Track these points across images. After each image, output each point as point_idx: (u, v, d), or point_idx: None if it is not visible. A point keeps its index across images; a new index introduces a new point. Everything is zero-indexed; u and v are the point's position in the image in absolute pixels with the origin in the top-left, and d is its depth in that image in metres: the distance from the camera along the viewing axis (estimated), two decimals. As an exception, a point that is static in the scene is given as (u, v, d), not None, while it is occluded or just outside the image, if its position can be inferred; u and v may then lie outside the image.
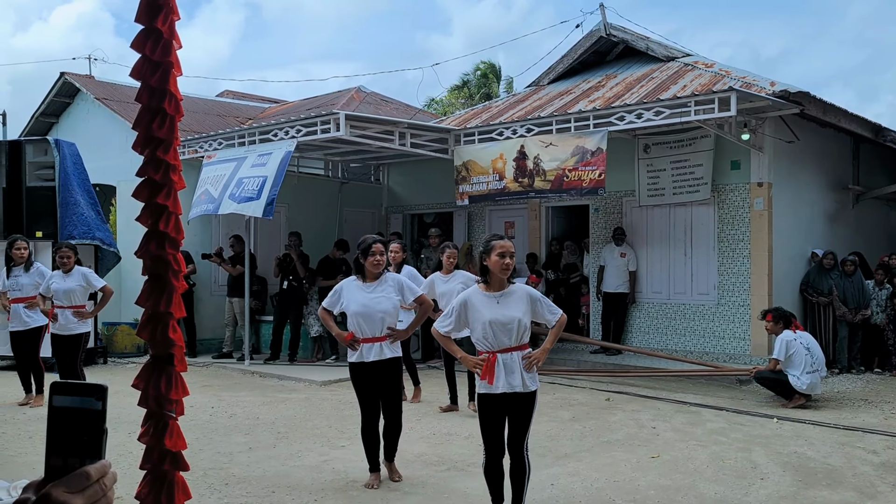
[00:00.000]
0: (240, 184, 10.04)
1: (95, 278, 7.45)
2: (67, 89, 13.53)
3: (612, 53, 12.56)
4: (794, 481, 5.10)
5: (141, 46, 2.22)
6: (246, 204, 9.80)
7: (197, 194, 10.69)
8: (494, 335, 4.04)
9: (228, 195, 10.10)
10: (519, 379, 4.02)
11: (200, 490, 4.79)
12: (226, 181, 10.30)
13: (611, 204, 10.97)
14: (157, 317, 2.22)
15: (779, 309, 8.18)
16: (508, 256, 4.06)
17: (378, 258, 4.99)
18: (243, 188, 9.95)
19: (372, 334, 4.97)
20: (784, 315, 8.00)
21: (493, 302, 4.07)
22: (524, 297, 4.11)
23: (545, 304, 4.21)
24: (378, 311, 4.95)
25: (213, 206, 10.34)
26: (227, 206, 10.10)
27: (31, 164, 10.22)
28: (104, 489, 0.91)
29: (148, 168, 2.26)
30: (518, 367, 4.02)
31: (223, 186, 10.29)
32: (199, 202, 10.61)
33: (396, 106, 15.88)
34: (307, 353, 10.96)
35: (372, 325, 4.96)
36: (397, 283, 5.10)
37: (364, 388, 5.04)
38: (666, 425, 6.83)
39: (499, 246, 4.04)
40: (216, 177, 10.56)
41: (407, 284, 5.18)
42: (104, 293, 7.42)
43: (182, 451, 2.31)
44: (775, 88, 9.22)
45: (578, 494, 4.80)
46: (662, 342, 10.43)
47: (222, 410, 7.44)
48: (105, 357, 10.74)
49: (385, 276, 5.09)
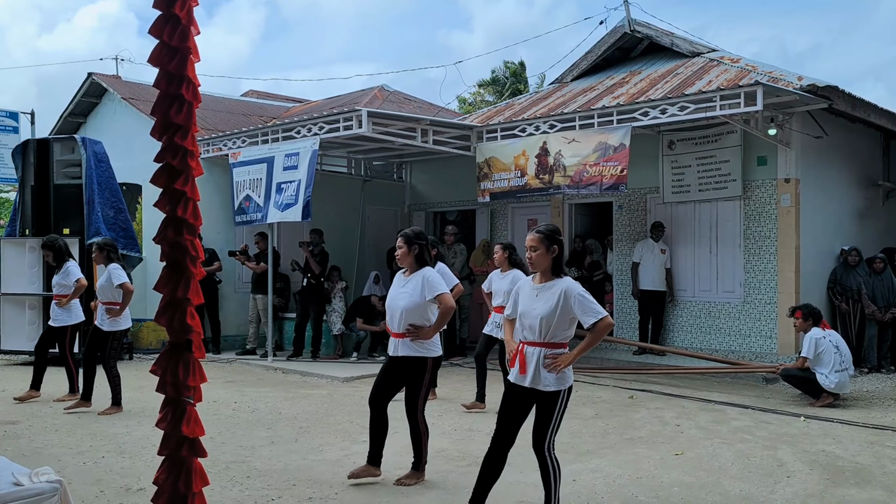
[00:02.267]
0: (279, 189, 10.27)
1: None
2: (95, 89, 13.71)
3: (637, 50, 12.46)
4: (821, 479, 5.00)
5: (159, 32, 2.22)
6: (288, 211, 10.11)
7: (239, 199, 10.85)
8: (521, 326, 4.06)
9: (273, 203, 10.34)
10: (530, 376, 3.95)
11: (223, 482, 4.81)
12: (265, 187, 10.48)
13: (635, 201, 10.87)
14: (175, 303, 2.23)
15: (808, 306, 8.04)
16: (529, 249, 4.06)
17: (396, 252, 5.01)
18: (284, 195, 10.17)
19: (392, 328, 4.93)
20: (813, 312, 7.87)
21: (532, 294, 4.07)
22: (557, 293, 3.96)
23: (582, 303, 3.94)
24: (397, 306, 4.89)
25: (261, 216, 10.60)
26: (273, 215, 10.40)
27: (59, 163, 10.38)
28: None
29: (166, 154, 2.27)
30: (535, 363, 3.96)
31: (265, 194, 10.47)
32: (245, 209, 10.81)
33: (419, 104, 15.87)
34: (329, 350, 11.00)
35: (392, 319, 4.92)
36: (422, 279, 4.89)
37: (378, 376, 5.02)
38: (690, 423, 6.74)
39: (526, 240, 4.11)
40: (254, 181, 10.69)
41: (428, 280, 4.88)
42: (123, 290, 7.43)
43: (200, 438, 2.31)
44: (803, 83, 9.07)
45: (601, 490, 4.75)
46: (687, 340, 10.31)
47: (245, 405, 7.49)
48: (131, 353, 10.86)
49: (421, 271, 4.92)
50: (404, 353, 4.86)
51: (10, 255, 10.46)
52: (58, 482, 2.56)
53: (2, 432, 6.05)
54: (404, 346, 4.86)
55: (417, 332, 4.83)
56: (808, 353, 7.55)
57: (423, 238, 5.04)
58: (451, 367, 10.09)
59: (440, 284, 4.91)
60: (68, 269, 7.68)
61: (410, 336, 4.83)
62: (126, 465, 5.28)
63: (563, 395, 3.98)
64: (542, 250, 4.04)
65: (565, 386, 3.98)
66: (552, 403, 3.96)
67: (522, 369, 3.99)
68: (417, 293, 4.85)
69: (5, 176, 15.44)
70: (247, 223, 11.00)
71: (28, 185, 10.49)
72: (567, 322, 3.99)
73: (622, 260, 11.01)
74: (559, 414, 4.00)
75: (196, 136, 2.29)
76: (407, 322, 4.84)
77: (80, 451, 5.66)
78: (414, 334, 4.83)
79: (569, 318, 3.98)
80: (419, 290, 4.86)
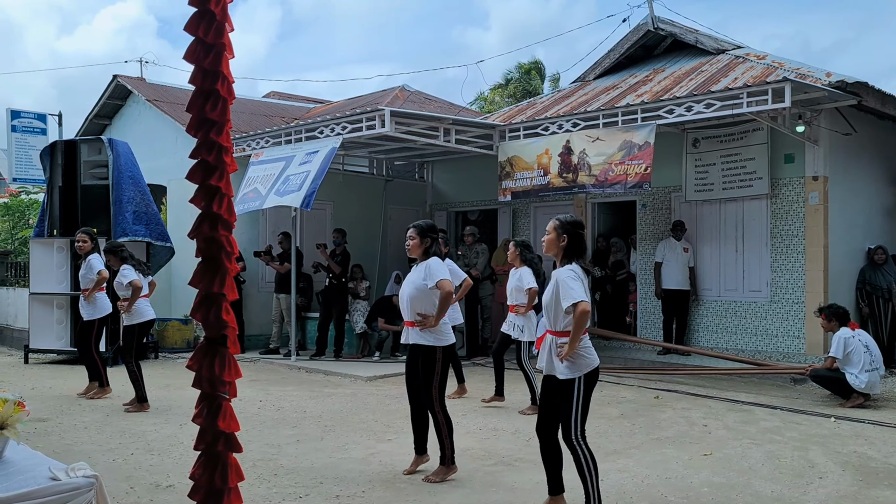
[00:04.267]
0: (286, 181, 10.19)
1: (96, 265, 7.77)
2: (120, 92, 13.86)
3: (660, 47, 12.36)
4: (854, 481, 4.92)
5: (194, 29, 2.23)
6: (286, 196, 9.95)
7: (244, 192, 10.84)
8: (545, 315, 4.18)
9: (274, 191, 10.25)
10: (546, 364, 4.09)
11: (250, 480, 4.83)
12: (274, 180, 10.46)
13: (659, 200, 10.78)
14: (211, 298, 2.23)
15: (832, 306, 7.92)
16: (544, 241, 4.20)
17: (406, 242, 5.11)
18: (289, 184, 10.09)
19: (405, 317, 5.06)
20: (838, 313, 7.75)
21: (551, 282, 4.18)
22: (553, 280, 4.06)
23: (564, 285, 3.93)
24: (404, 294, 5.04)
25: (260, 202, 10.49)
26: (270, 200, 10.30)
27: (86, 163, 10.49)
28: None
29: (201, 150, 2.27)
30: (548, 351, 4.09)
31: (271, 185, 10.45)
32: (247, 199, 10.76)
33: (440, 104, 15.86)
34: (352, 350, 11.03)
35: (403, 307, 5.07)
36: (426, 268, 4.98)
37: (406, 371, 5.16)
38: (718, 423, 6.67)
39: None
40: (266, 176, 10.71)
41: (430, 267, 4.93)
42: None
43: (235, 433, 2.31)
44: (831, 79, 8.94)
45: (629, 490, 4.71)
46: (712, 340, 10.20)
47: (270, 404, 7.52)
48: (157, 352, 10.96)
49: (427, 260, 5.02)
50: (415, 340, 4.98)
51: (38, 255, 10.60)
52: (93, 477, 2.58)
53: (33, 429, 6.12)
54: (415, 334, 4.97)
55: (425, 320, 4.91)
56: (837, 353, 7.44)
57: (435, 232, 5.14)
58: (474, 367, 10.07)
59: (441, 271, 4.94)
60: (90, 263, 7.78)
61: (419, 324, 4.93)
62: (155, 462, 5.32)
63: (578, 382, 3.97)
64: (553, 236, 4.12)
65: (578, 374, 3.96)
66: (568, 391, 3.98)
67: (542, 358, 4.14)
68: (420, 280, 4.96)
69: (34, 177, 15.65)
70: (243, 211, 10.77)
71: (56, 186, 10.62)
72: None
73: (645, 259, 10.92)
74: (578, 402, 3.98)
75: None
76: (415, 311, 4.95)
77: (109, 448, 5.71)
78: (421, 323, 4.92)
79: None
80: (422, 277, 4.96)
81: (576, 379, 3.96)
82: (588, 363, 3.99)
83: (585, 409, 4.02)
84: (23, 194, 15.90)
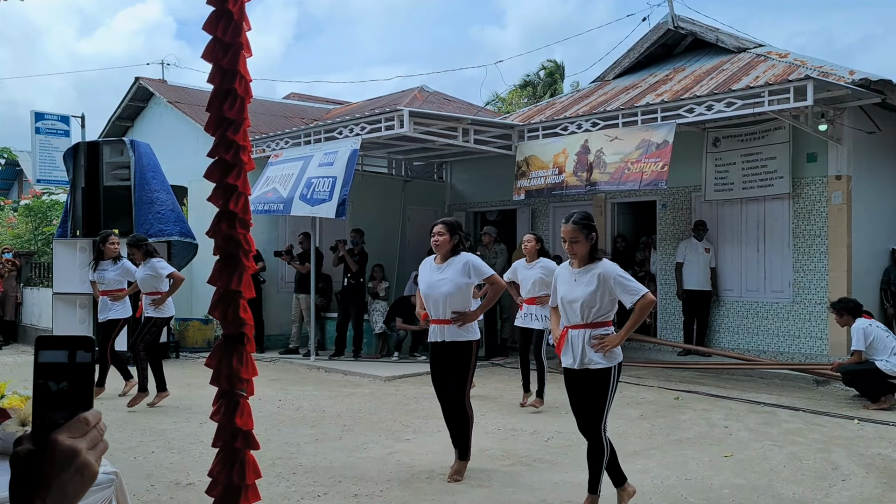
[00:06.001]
0: (309, 184, 10.18)
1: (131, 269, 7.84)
2: (142, 93, 14.00)
3: (680, 46, 12.26)
4: (878, 483, 4.85)
5: (213, 28, 2.24)
6: (319, 206, 9.97)
7: (262, 191, 10.88)
8: (565, 311, 4.20)
9: (299, 196, 10.25)
10: (577, 356, 4.08)
11: (269, 478, 4.86)
12: (294, 180, 10.46)
13: (679, 199, 10.70)
14: (229, 295, 2.24)
15: (842, 300, 7.73)
16: (568, 242, 4.16)
17: (435, 238, 4.99)
18: (314, 189, 10.08)
19: (436, 316, 4.95)
20: (849, 306, 7.55)
21: (571, 279, 4.18)
22: (597, 276, 4.07)
23: (622, 283, 4.06)
24: (440, 293, 4.90)
25: (284, 207, 10.52)
26: (298, 207, 10.26)
27: (108, 165, 10.59)
28: (101, 433, 0.92)
29: (219, 149, 2.29)
30: (581, 344, 4.07)
31: (292, 186, 10.45)
32: (266, 199, 10.79)
33: (459, 105, 15.86)
34: (371, 350, 11.05)
35: (435, 306, 4.94)
36: (465, 264, 4.91)
37: (433, 370, 5.09)
38: (739, 425, 6.60)
39: (562, 231, 4.20)
40: (284, 176, 10.74)
41: (475, 264, 4.93)
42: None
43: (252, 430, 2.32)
44: (855, 77, 8.82)
45: (649, 491, 4.67)
46: (735, 342, 10.11)
47: (289, 403, 7.56)
48: (177, 352, 11.06)
49: (458, 256, 4.95)
50: (452, 338, 4.90)
51: (61, 255, 10.73)
52: (113, 473, 2.61)
53: (55, 427, 6.20)
54: (450, 331, 4.90)
55: (463, 316, 4.87)
56: (859, 345, 7.31)
57: (462, 229, 5.15)
58: (493, 368, 10.06)
59: (486, 267, 5.00)
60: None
61: (457, 322, 4.86)
62: (175, 460, 5.36)
63: (614, 371, 4.08)
64: (582, 238, 4.13)
65: (615, 362, 4.08)
66: (605, 381, 4.05)
67: (570, 353, 4.13)
68: (459, 278, 4.87)
69: (57, 178, 15.85)
70: (265, 212, 10.77)
71: (79, 187, 10.74)
72: (609, 303, 4.11)
73: (666, 259, 10.84)
74: (612, 391, 4.08)
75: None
76: (452, 308, 4.88)
77: (130, 446, 5.77)
78: (460, 320, 4.86)
79: (609, 298, 4.09)
80: (460, 275, 4.88)
81: (612, 367, 4.06)
82: (620, 352, 4.15)
83: (613, 398, 4.13)
84: (45, 195, 16.10)
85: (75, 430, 0.89)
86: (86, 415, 0.90)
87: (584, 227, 4.13)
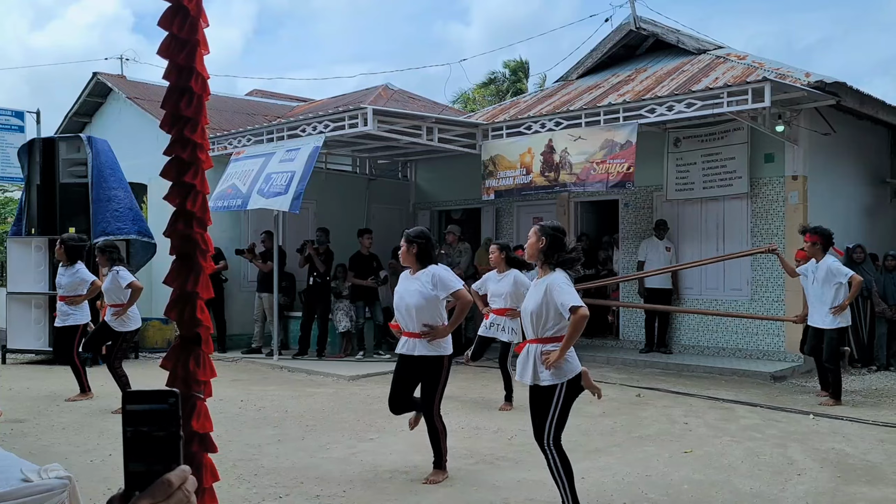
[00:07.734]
0: (268, 179, 10.09)
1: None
2: (100, 89, 13.72)
3: (642, 47, 12.42)
4: (832, 477, 4.97)
5: (168, 24, 2.20)
6: (274, 199, 9.83)
7: (222, 188, 10.75)
8: (523, 323, 4.15)
9: (257, 190, 10.14)
10: (528, 372, 3.99)
11: (230, 480, 4.79)
12: (254, 176, 10.36)
13: (641, 199, 10.83)
14: (185, 296, 2.21)
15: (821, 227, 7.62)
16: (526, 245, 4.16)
17: (401, 252, 4.93)
18: (272, 184, 9.98)
19: (405, 327, 4.87)
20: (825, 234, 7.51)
21: (531, 289, 4.13)
22: (544, 288, 3.97)
23: (557, 293, 3.89)
24: (407, 303, 4.82)
25: (242, 202, 10.39)
26: (255, 201, 10.14)
27: (65, 161, 10.37)
28: (187, 495, 0.90)
29: (175, 147, 2.25)
30: (531, 359, 3.98)
31: (251, 182, 10.34)
32: (225, 195, 10.66)
33: (423, 103, 15.84)
34: (335, 349, 10.98)
35: (402, 317, 4.87)
36: (433, 276, 4.79)
37: (395, 380, 4.99)
38: (698, 421, 6.71)
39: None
40: (244, 172, 10.62)
41: (441, 277, 4.76)
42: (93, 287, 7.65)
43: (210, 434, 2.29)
44: (811, 79, 9.02)
45: (610, 488, 4.72)
46: (694, 338, 10.27)
47: (251, 404, 7.47)
48: (136, 352, 10.85)
49: (428, 268, 4.84)
50: (421, 352, 4.80)
51: (16, 254, 10.47)
52: (67, 478, 2.54)
53: (9, 430, 6.05)
54: (421, 345, 4.80)
55: (434, 331, 4.77)
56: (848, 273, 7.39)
57: (423, 237, 4.94)
58: (457, 366, 10.05)
59: (454, 280, 4.85)
60: (78, 272, 7.68)
61: (427, 336, 4.77)
62: (133, 463, 5.26)
63: (560, 388, 3.94)
64: (534, 240, 4.10)
65: (562, 380, 3.93)
66: (549, 397, 3.95)
67: (524, 368, 4.04)
68: (428, 290, 4.77)
69: (11, 175, 15.44)
70: (224, 209, 10.68)
71: (34, 185, 10.48)
72: (556, 315, 3.95)
73: (628, 258, 10.97)
74: (556, 407, 3.95)
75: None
76: (421, 321, 4.77)
77: (87, 449, 5.65)
78: (430, 334, 4.76)
79: (555, 311, 3.94)
80: (429, 286, 4.78)
81: (558, 385, 3.93)
82: (571, 368, 3.97)
83: (564, 415, 3.98)
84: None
85: (158, 494, 0.88)
86: (168, 476, 0.89)
87: (541, 230, 4.08)
